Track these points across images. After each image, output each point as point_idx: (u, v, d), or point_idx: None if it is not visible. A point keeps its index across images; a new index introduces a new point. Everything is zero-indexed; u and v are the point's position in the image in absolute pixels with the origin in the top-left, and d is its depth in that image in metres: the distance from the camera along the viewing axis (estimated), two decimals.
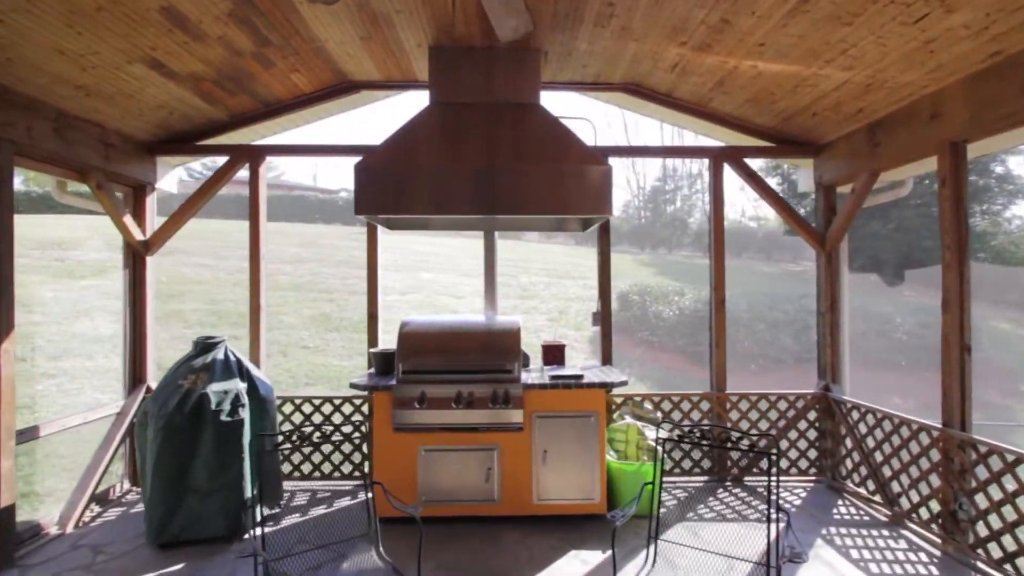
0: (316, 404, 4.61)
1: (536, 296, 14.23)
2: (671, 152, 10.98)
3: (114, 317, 4.58)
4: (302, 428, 2.98)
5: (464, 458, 3.72)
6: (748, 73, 3.73)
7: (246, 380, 3.74)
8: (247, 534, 3.55)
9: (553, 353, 4.43)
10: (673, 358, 12.98)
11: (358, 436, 4.41)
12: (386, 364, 4.04)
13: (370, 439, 3.80)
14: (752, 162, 4.66)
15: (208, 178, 4.61)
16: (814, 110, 4.03)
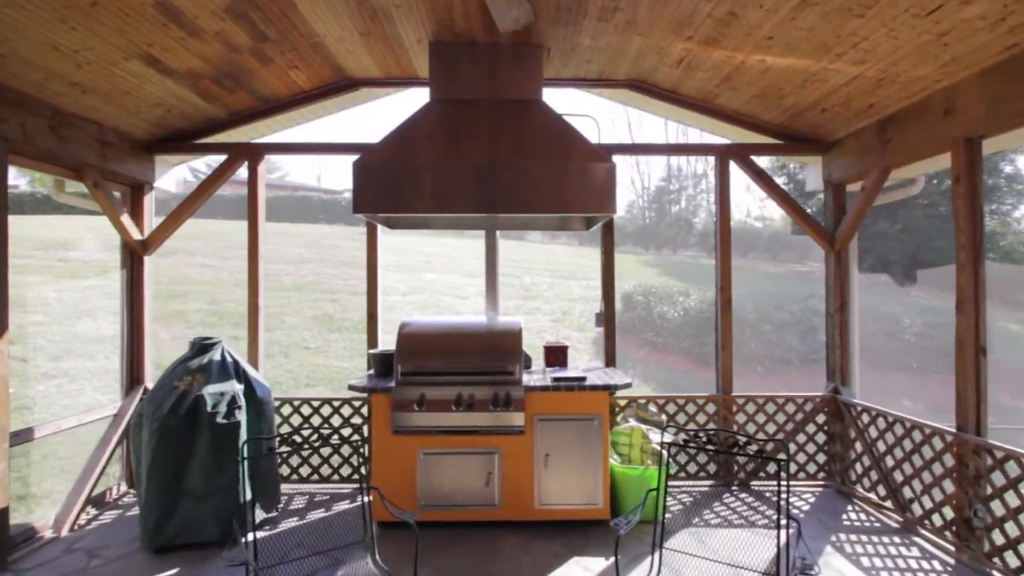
0: (315, 406, 4.54)
1: (539, 297, 14.15)
2: (676, 150, 10.86)
3: (115, 317, 4.53)
4: (300, 431, 2.93)
5: (464, 462, 3.65)
6: (756, 68, 3.65)
7: (243, 382, 3.68)
8: (241, 540, 3.49)
9: (555, 354, 4.35)
10: (678, 359, 12.88)
11: (357, 439, 4.38)
12: (385, 366, 3.98)
13: (369, 442, 3.73)
14: (758, 161, 4.57)
15: (206, 177, 4.55)
16: (823, 106, 3.94)
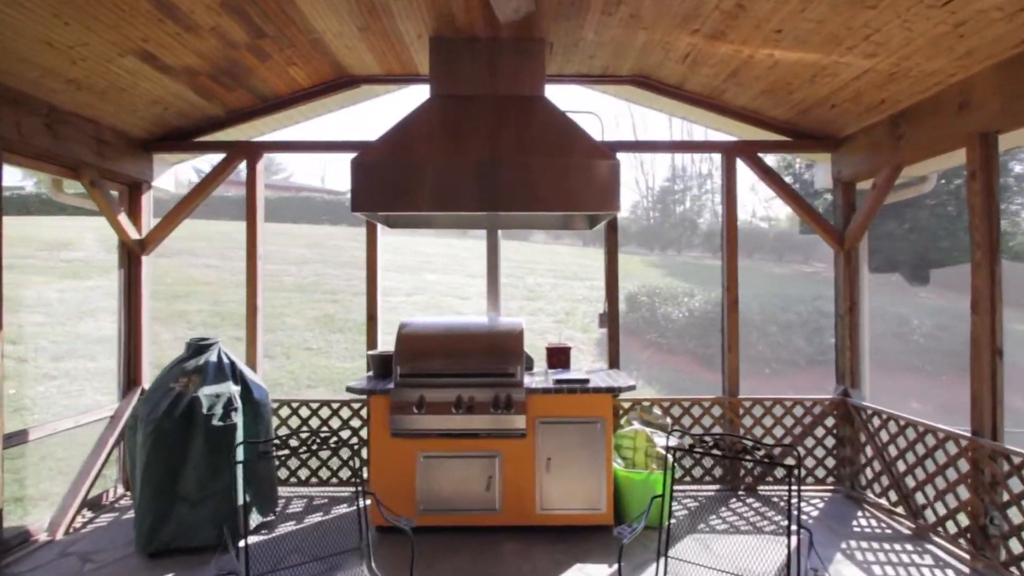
0: (313, 408, 4.48)
1: (542, 297, 14.06)
2: (682, 147, 10.80)
3: (116, 318, 4.49)
4: (298, 433, 2.86)
5: (464, 465, 3.57)
6: (764, 63, 3.56)
7: (240, 383, 3.62)
8: (231, 547, 3.43)
9: (558, 356, 4.27)
10: (682, 360, 12.76)
11: (355, 441, 4.32)
12: (384, 367, 3.91)
13: (368, 445, 3.66)
14: (765, 158, 4.48)
15: (204, 176, 4.49)
16: (833, 101, 3.85)
